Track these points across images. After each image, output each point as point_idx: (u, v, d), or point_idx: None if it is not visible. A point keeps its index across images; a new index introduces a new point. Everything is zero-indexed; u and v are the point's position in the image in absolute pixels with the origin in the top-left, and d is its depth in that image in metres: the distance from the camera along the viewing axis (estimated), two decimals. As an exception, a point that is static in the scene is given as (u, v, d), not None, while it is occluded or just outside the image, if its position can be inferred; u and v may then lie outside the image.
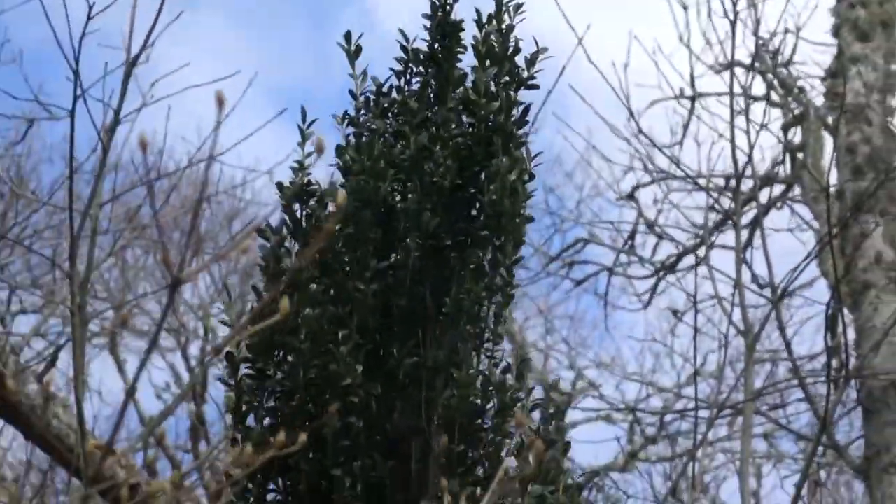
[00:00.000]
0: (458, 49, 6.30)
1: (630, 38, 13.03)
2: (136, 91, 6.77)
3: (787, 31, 13.02)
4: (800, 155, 13.02)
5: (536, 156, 6.26)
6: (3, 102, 11.31)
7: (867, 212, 10.75)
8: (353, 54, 6.34)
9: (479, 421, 6.02)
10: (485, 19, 6.29)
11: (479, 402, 6.00)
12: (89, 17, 6.54)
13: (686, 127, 13.81)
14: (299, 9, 34.65)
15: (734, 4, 11.64)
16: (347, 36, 6.34)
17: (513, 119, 6.16)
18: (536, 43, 6.28)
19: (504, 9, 6.27)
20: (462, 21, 6.33)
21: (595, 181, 18.27)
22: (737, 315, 10.77)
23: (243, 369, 6.09)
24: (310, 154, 6.19)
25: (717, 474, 18.79)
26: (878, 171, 10.92)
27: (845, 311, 10.93)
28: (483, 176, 6.10)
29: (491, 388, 6.00)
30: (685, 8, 12.82)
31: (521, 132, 6.20)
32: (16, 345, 10.13)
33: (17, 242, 13.24)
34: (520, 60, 6.32)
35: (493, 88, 6.15)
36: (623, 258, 15.59)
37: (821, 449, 12.07)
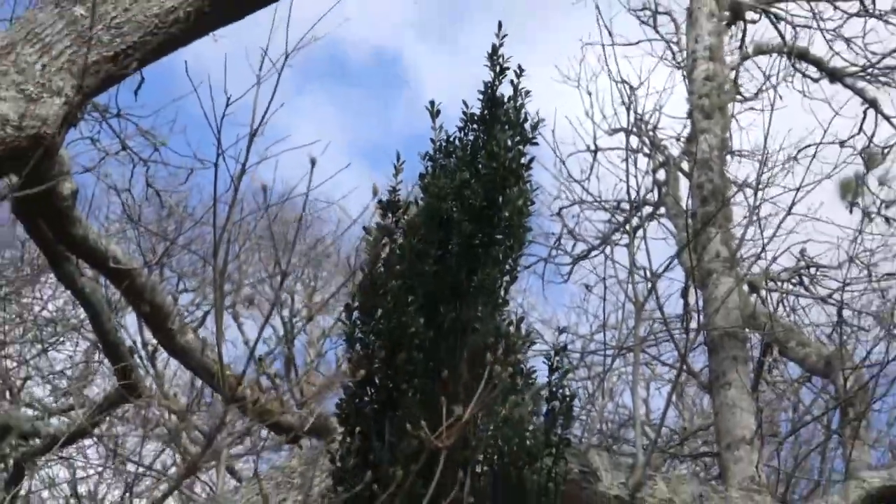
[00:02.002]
0: (499, 115, 6.32)
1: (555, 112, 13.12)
2: (256, 151, 6.81)
3: (654, 109, 13.19)
4: (664, 188, 13.19)
5: (535, 189, 6.33)
6: (174, 157, 11.39)
7: (711, 226, 10.84)
8: (435, 114, 6.37)
9: (492, 356, 5.80)
10: (506, 99, 6.31)
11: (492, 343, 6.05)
12: (227, 104, 7.00)
13: (591, 169, 13.83)
14: (373, 89, 34.57)
15: (622, 97, 11.93)
16: (432, 103, 6.37)
17: (522, 164, 6.25)
18: (538, 115, 6.38)
19: (518, 93, 6.33)
20: (503, 96, 6.37)
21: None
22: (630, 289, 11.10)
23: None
24: (400, 181, 6.26)
25: (617, 390, 18.78)
26: (717, 200, 11.10)
27: (698, 288, 11.18)
28: (501, 200, 6.16)
29: (500, 336, 6.09)
30: (590, 94, 12.92)
31: (526, 174, 6.27)
32: (181, 310, 10.41)
33: (184, 247, 13.58)
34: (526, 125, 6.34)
35: (509, 143, 6.22)
36: (554, 252, 15.67)
37: (683, 375, 12.38)
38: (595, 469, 7.00)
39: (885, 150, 13.35)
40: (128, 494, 11.98)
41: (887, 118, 13.30)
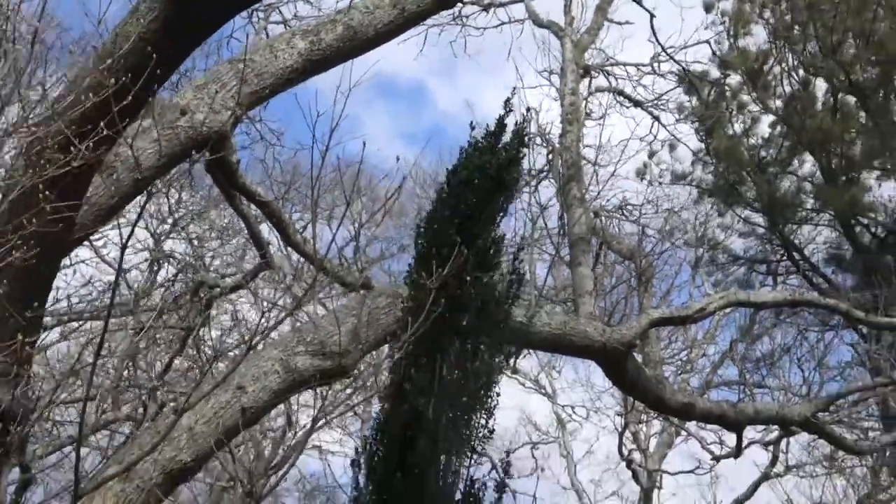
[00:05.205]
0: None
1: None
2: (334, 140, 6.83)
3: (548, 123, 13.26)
4: (551, 163, 12.22)
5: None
6: (290, 142, 11.27)
7: (571, 181, 10.44)
8: (472, 127, 5.93)
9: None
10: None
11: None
12: (318, 116, 6.96)
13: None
14: (407, 98, 33.15)
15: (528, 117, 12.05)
16: (471, 123, 5.95)
17: (518, 156, 5.77)
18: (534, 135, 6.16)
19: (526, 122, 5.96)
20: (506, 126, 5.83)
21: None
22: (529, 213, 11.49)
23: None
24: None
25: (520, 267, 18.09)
26: (575, 168, 10.66)
27: (566, 213, 10.94)
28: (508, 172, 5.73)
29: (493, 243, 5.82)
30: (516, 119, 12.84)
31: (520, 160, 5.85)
32: (294, 221, 10.29)
33: (296, 189, 13.26)
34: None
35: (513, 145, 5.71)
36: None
37: (556, 258, 12.41)
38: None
39: (664, 144, 14.28)
40: (263, 318, 12.14)
41: (665, 127, 13.58)
